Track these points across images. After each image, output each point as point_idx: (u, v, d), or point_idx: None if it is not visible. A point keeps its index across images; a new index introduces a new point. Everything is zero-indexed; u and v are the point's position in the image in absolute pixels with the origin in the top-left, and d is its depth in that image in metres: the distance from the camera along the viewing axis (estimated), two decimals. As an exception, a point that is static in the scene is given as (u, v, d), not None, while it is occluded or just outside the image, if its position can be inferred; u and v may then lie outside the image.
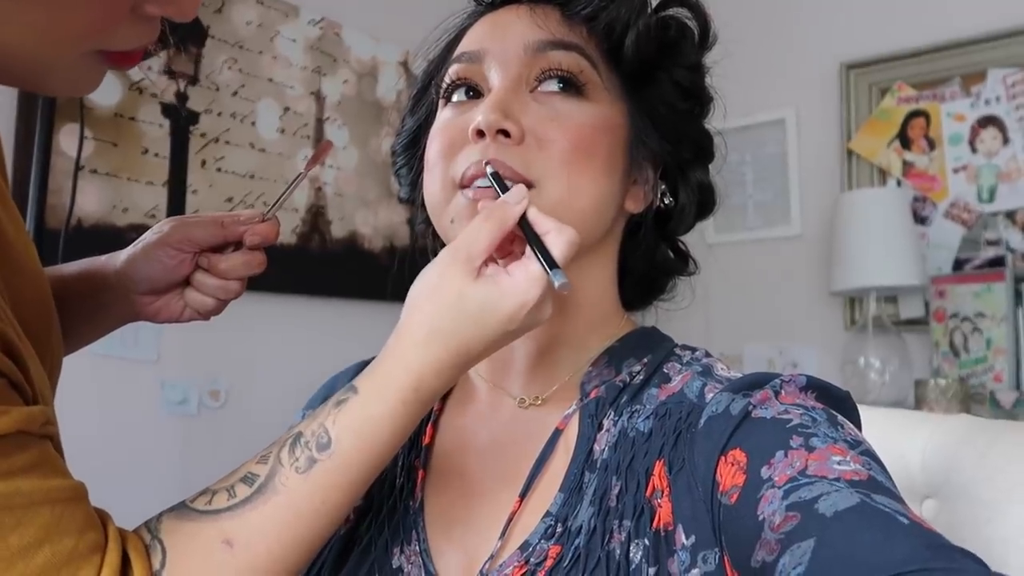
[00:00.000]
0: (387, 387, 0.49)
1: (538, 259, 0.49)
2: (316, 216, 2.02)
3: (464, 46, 0.62)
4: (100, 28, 0.42)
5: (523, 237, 0.51)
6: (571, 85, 0.58)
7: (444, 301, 0.49)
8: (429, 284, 0.50)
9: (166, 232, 0.68)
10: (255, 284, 0.71)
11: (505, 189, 0.53)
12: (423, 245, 0.70)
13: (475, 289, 0.48)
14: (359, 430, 0.49)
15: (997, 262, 1.93)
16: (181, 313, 0.71)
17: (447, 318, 0.48)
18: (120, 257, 0.70)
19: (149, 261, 0.68)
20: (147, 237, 0.69)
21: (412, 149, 0.69)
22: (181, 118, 1.78)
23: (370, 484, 0.51)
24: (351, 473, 0.48)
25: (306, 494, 0.48)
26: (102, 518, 0.46)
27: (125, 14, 0.42)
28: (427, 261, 0.53)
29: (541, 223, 0.50)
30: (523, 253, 0.51)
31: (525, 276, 0.48)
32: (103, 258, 0.71)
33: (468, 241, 0.49)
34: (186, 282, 0.70)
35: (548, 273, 0.48)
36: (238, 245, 0.69)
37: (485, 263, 0.50)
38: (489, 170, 0.55)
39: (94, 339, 0.73)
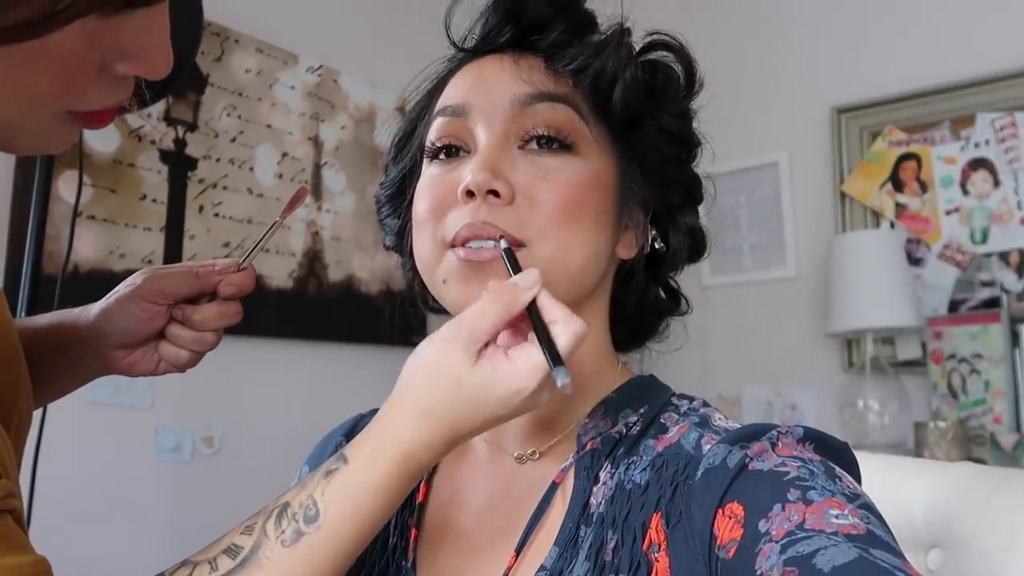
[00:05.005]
0: (377, 459, 0.48)
1: (543, 351, 0.47)
2: (312, 260, 2.03)
3: (448, 99, 0.61)
4: (65, 91, 0.41)
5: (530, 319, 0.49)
6: (560, 142, 0.57)
7: (441, 384, 0.48)
8: (428, 361, 0.49)
9: (139, 284, 0.66)
10: (250, 329, 0.70)
11: (518, 270, 0.51)
12: (420, 292, 0.68)
13: (473, 375, 0.47)
14: (347, 502, 0.48)
15: (992, 303, 1.93)
16: (156, 367, 0.68)
17: (443, 400, 0.48)
18: (92, 310, 0.67)
19: (122, 315, 0.66)
20: (120, 290, 0.67)
21: (398, 199, 0.68)
22: (179, 164, 1.80)
23: (359, 555, 0.50)
24: (339, 545, 0.47)
25: (291, 568, 0.46)
26: None
27: (91, 76, 0.41)
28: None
29: (550, 311, 0.48)
30: (529, 330, 0.49)
31: (526, 364, 0.46)
32: (76, 311, 0.68)
33: (472, 322, 0.48)
34: (160, 335, 0.67)
35: (551, 368, 0.46)
36: (212, 295, 0.67)
37: (486, 344, 0.48)
38: (503, 245, 0.54)
39: (66, 392, 0.71)
